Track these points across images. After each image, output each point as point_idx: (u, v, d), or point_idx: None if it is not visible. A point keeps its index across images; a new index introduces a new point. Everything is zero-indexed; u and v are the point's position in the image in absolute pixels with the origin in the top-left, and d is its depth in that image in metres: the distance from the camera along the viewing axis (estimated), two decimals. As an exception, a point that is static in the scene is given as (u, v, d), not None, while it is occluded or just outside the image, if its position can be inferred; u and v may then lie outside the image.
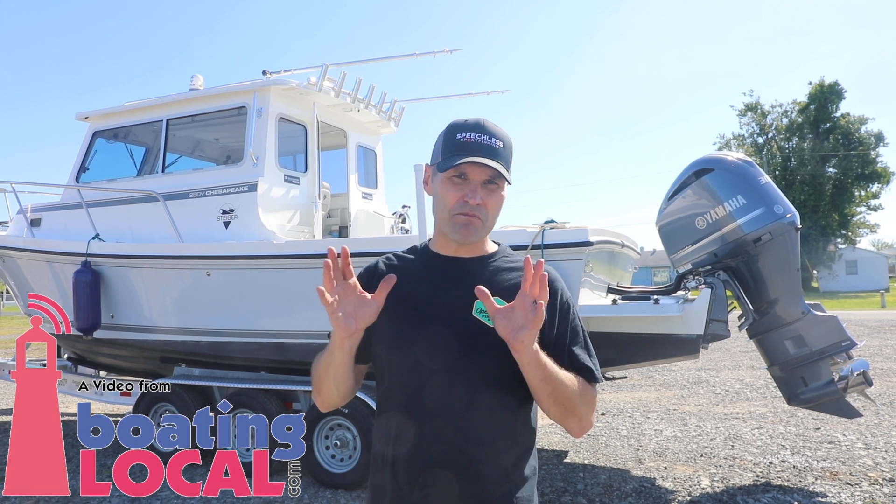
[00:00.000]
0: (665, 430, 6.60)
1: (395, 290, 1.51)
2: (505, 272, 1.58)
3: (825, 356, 4.62)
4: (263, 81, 6.09)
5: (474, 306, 1.49)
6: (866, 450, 5.64)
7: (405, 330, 1.53)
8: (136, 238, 6.11)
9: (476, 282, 1.48)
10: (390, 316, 1.51)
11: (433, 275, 1.58)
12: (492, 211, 1.53)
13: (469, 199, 1.49)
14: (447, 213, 1.53)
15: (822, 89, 45.24)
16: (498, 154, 1.50)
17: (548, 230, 4.53)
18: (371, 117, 7.11)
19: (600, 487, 4.91)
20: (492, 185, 1.51)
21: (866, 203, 46.73)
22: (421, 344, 1.51)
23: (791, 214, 4.60)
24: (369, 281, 1.57)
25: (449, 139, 1.53)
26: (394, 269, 1.61)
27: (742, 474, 5.11)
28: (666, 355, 4.83)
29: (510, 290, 1.48)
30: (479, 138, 1.50)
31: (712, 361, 11.37)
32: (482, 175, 1.50)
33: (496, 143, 1.51)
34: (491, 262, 1.59)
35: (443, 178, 1.53)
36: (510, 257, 1.63)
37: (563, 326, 1.55)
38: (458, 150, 1.50)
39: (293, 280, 5.18)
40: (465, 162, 1.47)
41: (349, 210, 7.03)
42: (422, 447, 1.49)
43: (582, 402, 1.48)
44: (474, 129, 1.51)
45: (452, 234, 1.53)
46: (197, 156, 7.00)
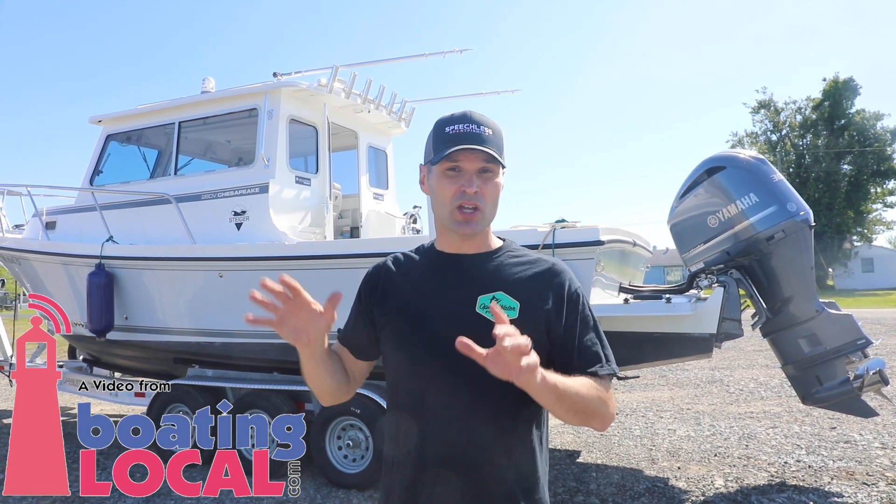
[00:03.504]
0: (678, 430, 6.56)
1: (400, 291, 1.54)
2: (510, 267, 1.56)
3: (840, 355, 4.58)
4: (274, 83, 6.12)
5: (477, 303, 1.49)
6: (883, 449, 5.58)
7: (408, 330, 1.54)
8: (150, 240, 6.16)
9: (480, 279, 1.51)
10: (395, 316, 1.54)
11: (437, 273, 1.58)
12: (490, 199, 1.52)
13: (466, 189, 1.48)
14: (447, 208, 1.52)
15: (837, 85, 44.80)
16: (488, 140, 1.49)
17: (559, 230, 4.52)
18: (381, 118, 7.12)
19: (613, 487, 4.89)
20: (487, 172, 1.51)
21: (882, 200, 46.23)
22: (423, 344, 1.52)
23: (804, 212, 4.57)
24: (375, 281, 1.61)
25: (438, 134, 1.53)
26: (400, 267, 1.63)
27: (756, 474, 5.07)
28: (679, 354, 4.80)
29: (518, 284, 1.50)
30: (467, 128, 1.49)
31: (726, 360, 11.29)
32: (476, 163, 1.49)
33: (485, 130, 1.50)
34: (495, 258, 1.58)
35: (438, 174, 1.52)
36: (516, 252, 1.61)
37: (573, 318, 1.53)
38: (448, 142, 1.49)
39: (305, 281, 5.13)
40: (457, 149, 1.47)
41: (360, 211, 7.04)
42: (424, 448, 1.50)
43: (600, 403, 1.45)
44: (462, 120, 1.51)
45: (454, 227, 1.52)
46: (209, 158, 7.05)
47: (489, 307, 1.21)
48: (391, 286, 1.60)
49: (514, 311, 1.48)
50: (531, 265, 1.57)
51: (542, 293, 1.53)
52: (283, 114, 5.99)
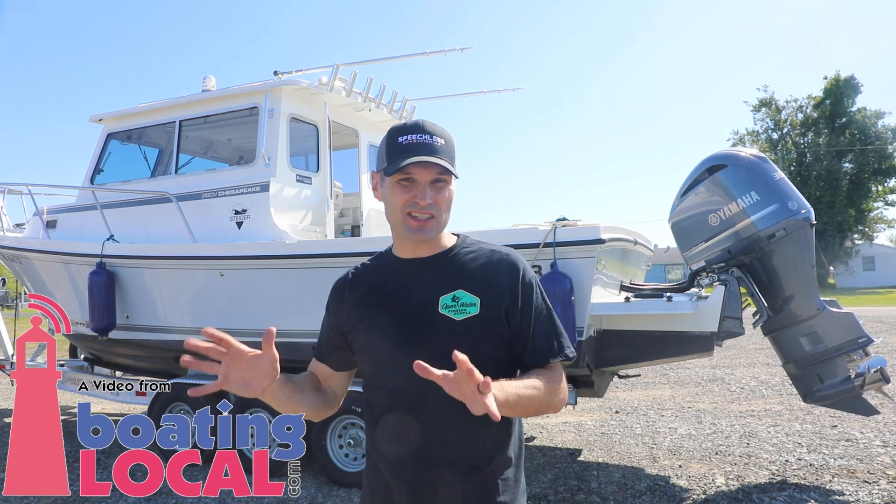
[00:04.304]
0: (679, 428, 6.56)
1: (364, 299, 1.60)
2: (467, 263, 1.60)
3: (841, 353, 4.58)
4: (275, 82, 6.12)
5: (440, 303, 1.53)
6: (884, 447, 5.57)
7: (375, 337, 1.58)
8: (150, 239, 6.16)
9: (439, 279, 1.56)
10: (364, 325, 1.60)
11: (396, 279, 1.62)
12: (444, 206, 1.55)
13: (419, 200, 1.52)
14: (399, 216, 1.55)
15: (838, 84, 44.78)
16: (440, 151, 1.53)
17: (560, 228, 4.51)
18: (382, 116, 7.12)
19: (614, 486, 4.88)
20: (439, 182, 1.54)
21: (883, 198, 46.23)
22: (390, 349, 1.56)
23: (806, 210, 4.56)
24: (341, 292, 1.67)
25: (391, 144, 1.55)
26: (362, 277, 1.68)
27: (757, 472, 5.07)
28: (680, 353, 4.80)
29: (475, 279, 1.55)
30: (420, 138, 1.52)
31: (727, 359, 11.29)
32: (429, 175, 1.52)
33: (437, 140, 1.53)
34: (450, 257, 1.61)
35: (391, 183, 1.55)
36: (471, 247, 1.64)
37: (527, 308, 1.57)
38: (400, 152, 1.52)
39: (305, 280, 5.20)
40: (411, 162, 1.50)
41: (361, 209, 7.05)
42: (400, 448, 1.55)
43: (549, 396, 1.51)
44: (414, 130, 1.54)
45: (408, 234, 1.56)
46: (210, 156, 7.05)
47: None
48: (356, 295, 1.64)
49: (475, 307, 1.52)
50: (487, 258, 1.61)
51: (498, 285, 1.56)
52: (283, 112, 5.99)
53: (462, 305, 1.52)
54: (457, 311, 1.52)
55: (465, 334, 1.50)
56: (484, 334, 1.53)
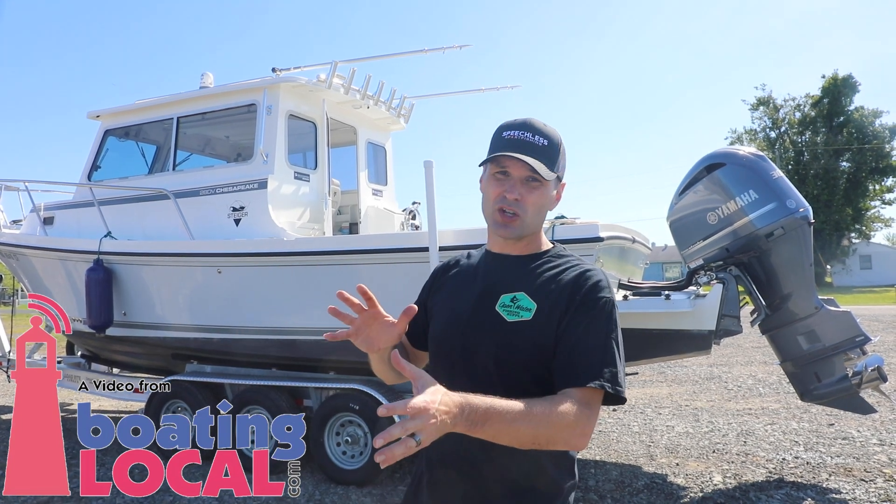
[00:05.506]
0: (677, 426, 6.57)
1: (448, 286, 1.65)
2: (545, 271, 1.55)
3: (839, 352, 4.59)
4: (273, 79, 6.10)
5: (499, 300, 1.52)
6: (881, 446, 5.59)
7: (439, 325, 1.62)
8: (148, 236, 6.14)
9: (511, 279, 1.54)
10: (436, 310, 1.65)
11: (479, 270, 1.63)
12: (532, 207, 1.53)
13: (507, 194, 1.52)
14: (489, 208, 1.57)
15: (836, 82, 44.77)
16: (539, 151, 1.51)
17: (558, 226, 4.52)
18: (381, 114, 7.11)
19: (612, 483, 4.89)
20: (533, 182, 1.52)
21: (881, 197, 46.24)
22: (444, 339, 1.59)
23: (804, 209, 4.57)
24: (437, 274, 1.74)
25: (496, 137, 1.57)
26: (458, 264, 1.72)
27: (755, 470, 5.08)
28: (677, 351, 4.81)
29: (542, 287, 1.52)
30: (522, 135, 1.52)
31: (724, 357, 11.30)
32: (522, 171, 1.52)
33: (540, 140, 1.52)
34: (536, 261, 1.58)
35: (488, 175, 1.58)
36: (559, 257, 1.59)
37: (579, 320, 1.45)
38: (501, 146, 1.53)
39: (303, 277, 5.19)
40: (500, 155, 1.51)
41: (359, 207, 7.03)
42: (434, 445, 1.49)
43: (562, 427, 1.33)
44: (520, 127, 1.55)
45: (494, 228, 1.57)
46: (207, 153, 7.03)
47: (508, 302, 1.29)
48: (445, 281, 1.70)
49: (529, 313, 1.49)
50: (562, 269, 1.55)
51: (559, 296, 1.49)
52: (281, 109, 5.97)
53: (517, 308, 1.50)
54: (511, 312, 1.50)
55: (510, 336, 1.47)
56: (529, 342, 1.47)
